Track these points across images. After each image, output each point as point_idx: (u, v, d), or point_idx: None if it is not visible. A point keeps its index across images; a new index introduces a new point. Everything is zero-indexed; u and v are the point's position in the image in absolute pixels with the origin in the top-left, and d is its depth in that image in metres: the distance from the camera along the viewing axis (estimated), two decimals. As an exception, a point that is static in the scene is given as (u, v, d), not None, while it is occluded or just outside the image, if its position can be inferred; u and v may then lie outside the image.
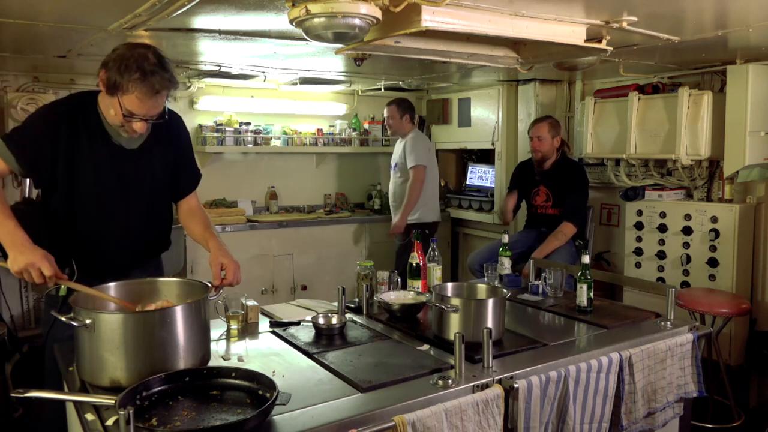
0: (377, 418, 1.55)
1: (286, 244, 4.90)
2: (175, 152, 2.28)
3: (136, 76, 1.90)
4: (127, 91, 1.92)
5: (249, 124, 5.10)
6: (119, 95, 1.94)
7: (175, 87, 2.03)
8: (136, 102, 1.94)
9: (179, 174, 2.31)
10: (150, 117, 2.01)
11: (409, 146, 4.68)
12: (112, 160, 2.12)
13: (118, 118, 1.99)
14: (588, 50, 2.81)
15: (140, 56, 1.93)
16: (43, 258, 1.84)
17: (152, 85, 1.92)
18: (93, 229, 2.15)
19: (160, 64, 1.95)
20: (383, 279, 2.65)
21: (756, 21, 2.65)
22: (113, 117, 2.01)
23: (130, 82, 1.91)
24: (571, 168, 4.06)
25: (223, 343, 2.15)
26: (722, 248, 3.68)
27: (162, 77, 1.94)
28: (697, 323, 2.48)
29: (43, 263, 1.83)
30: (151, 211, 2.26)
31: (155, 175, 2.23)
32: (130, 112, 1.96)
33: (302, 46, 3.19)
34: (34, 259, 1.83)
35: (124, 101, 1.94)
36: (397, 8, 2.04)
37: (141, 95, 1.93)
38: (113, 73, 1.92)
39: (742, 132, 3.60)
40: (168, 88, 1.99)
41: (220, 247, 2.15)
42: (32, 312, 4.48)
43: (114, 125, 2.05)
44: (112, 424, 1.48)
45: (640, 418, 2.11)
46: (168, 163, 2.26)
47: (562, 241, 3.81)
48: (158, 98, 1.98)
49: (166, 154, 2.24)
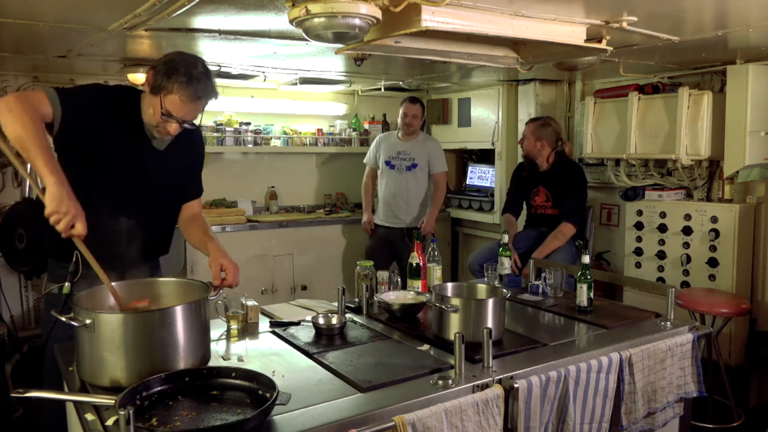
0: (377, 418, 1.55)
1: (286, 244, 4.90)
2: (190, 160, 2.38)
3: (183, 79, 2.01)
4: (171, 92, 2.02)
5: (249, 124, 5.10)
6: (162, 95, 2.03)
7: (215, 97, 2.14)
8: (177, 103, 2.03)
9: (188, 180, 2.39)
10: (186, 121, 2.10)
11: (438, 150, 4.75)
12: (142, 157, 2.19)
13: (155, 118, 2.07)
14: (588, 50, 2.81)
15: (189, 63, 2.05)
16: (81, 211, 1.77)
17: (196, 90, 2.03)
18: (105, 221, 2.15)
19: (206, 74, 2.07)
20: (383, 279, 2.65)
21: (756, 21, 2.65)
22: (151, 116, 2.09)
23: (175, 84, 2.01)
24: (569, 168, 4.06)
25: (223, 343, 2.15)
26: (722, 248, 3.67)
27: (206, 86, 2.06)
28: (697, 323, 2.48)
29: (80, 216, 1.76)
30: (160, 213, 2.33)
31: (173, 178, 2.31)
32: (169, 113, 2.04)
33: (302, 46, 3.19)
34: (72, 207, 1.74)
35: (165, 101, 2.03)
36: (397, 8, 2.04)
37: (183, 98, 2.02)
38: (161, 74, 2.03)
39: (742, 132, 3.59)
40: (209, 96, 2.10)
41: (219, 249, 2.17)
42: (32, 312, 4.48)
43: (149, 124, 2.13)
44: (112, 424, 1.48)
45: (640, 418, 2.11)
46: (182, 169, 2.34)
47: (561, 241, 3.81)
48: (198, 104, 2.08)
49: (183, 160, 2.33)
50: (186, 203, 2.41)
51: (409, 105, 4.66)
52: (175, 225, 2.43)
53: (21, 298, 4.44)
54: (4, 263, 3.92)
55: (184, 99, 2.02)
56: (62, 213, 1.73)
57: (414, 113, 4.65)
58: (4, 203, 4.16)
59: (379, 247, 4.68)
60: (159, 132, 2.12)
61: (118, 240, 2.17)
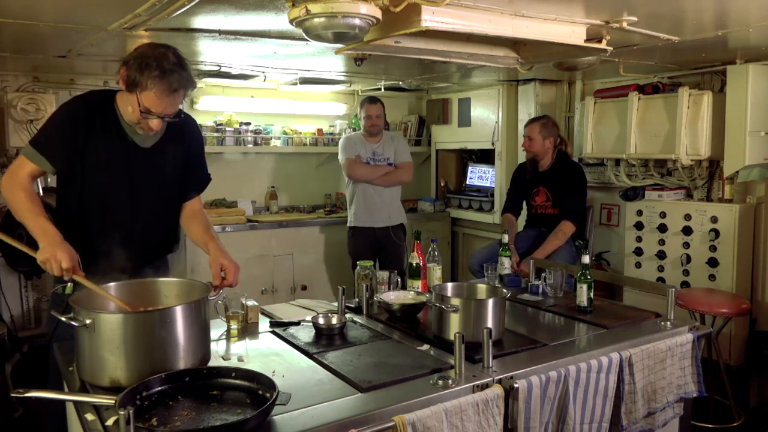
0: (377, 418, 1.55)
1: (286, 244, 4.89)
2: (186, 153, 2.32)
3: (156, 73, 1.96)
4: (146, 88, 1.98)
5: (249, 124, 5.10)
6: (138, 92, 1.99)
7: (193, 87, 2.08)
8: (154, 99, 1.99)
9: (187, 175, 2.35)
10: (166, 115, 2.06)
11: (404, 143, 4.78)
12: (127, 157, 2.17)
13: (135, 115, 2.04)
14: (588, 50, 2.81)
15: (160, 55, 1.99)
16: (65, 252, 1.91)
17: (170, 83, 1.98)
18: (102, 225, 2.16)
19: (179, 64, 2.02)
20: (383, 279, 2.65)
21: (756, 21, 2.65)
22: (130, 114, 2.06)
23: (149, 80, 1.97)
24: (569, 168, 4.06)
25: (223, 343, 2.15)
26: (722, 248, 3.67)
27: (180, 76, 2.00)
28: (697, 323, 2.48)
29: (63, 256, 1.89)
30: (159, 211, 2.30)
31: (166, 174, 2.27)
32: (148, 109, 2.01)
33: (302, 46, 3.19)
34: (57, 252, 1.90)
35: (142, 98, 2.00)
36: (397, 8, 2.04)
37: (159, 93, 1.98)
38: (133, 70, 1.98)
39: (742, 132, 3.59)
40: (185, 87, 2.04)
41: (219, 249, 2.17)
42: (32, 312, 4.48)
43: (130, 122, 2.10)
44: (112, 424, 1.48)
45: (640, 418, 2.11)
46: (178, 164, 2.30)
47: (561, 240, 3.81)
48: (175, 97, 2.03)
49: (178, 154, 2.29)
50: (187, 200, 2.38)
51: (371, 106, 4.57)
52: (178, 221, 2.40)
53: (21, 298, 4.44)
54: (4, 263, 3.92)
55: (159, 94, 1.98)
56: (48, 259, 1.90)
57: (377, 113, 4.59)
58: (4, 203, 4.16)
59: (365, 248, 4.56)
60: (142, 129, 2.09)
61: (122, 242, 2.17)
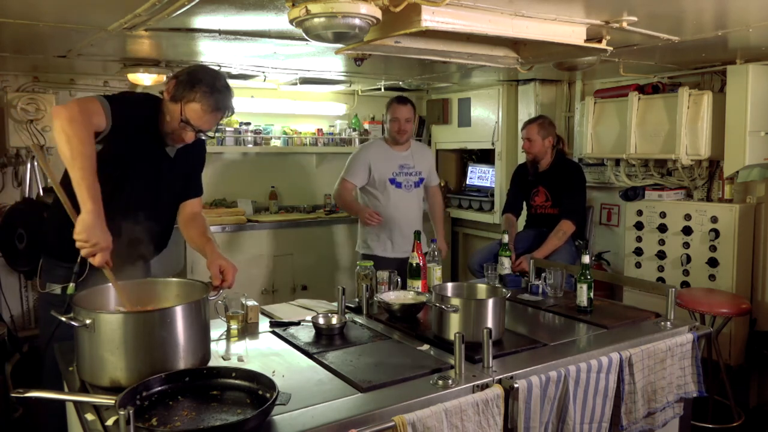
0: (377, 418, 1.55)
1: (286, 244, 4.89)
2: (194, 164, 2.43)
3: (206, 89, 2.05)
4: (193, 100, 2.05)
5: (249, 124, 5.10)
6: (183, 103, 2.06)
7: (232, 112, 2.19)
8: (198, 112, 2.07)
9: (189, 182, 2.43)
10: (203, 131, 2.14)
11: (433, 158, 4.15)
12: (158, 163, 2.25)
13: (173, 124, 2.10)
14: (588, 50, 2.81)
15: (213, 75, 2.11)
16: (107, 243, 1.82)
17: (217, 101, 2.07)
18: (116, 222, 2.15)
19: (227, 87, 2.12)
20: (383, 279, 2.65)
21: (756, 21, 2.65)
22: (168, 123, 2.12)
23: (198, 93, 2.05)
24: (568, 168, 4.06)
25: (223, 343, 2.15)
26: (722, 248, 3.67)
27: (227, 98, 2.11)
28: (697, 323, 2.48)
29: (105, 249, 1.81)
30: (163, 213, 2.37)
31: (178, 185, 2.36)
32: (188, 121, 2.07)
33: (302, 46, 3.19)
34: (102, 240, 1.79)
35: (186, 109, 2.06)
36: (397, 8, 2.04)
37: (205, 107, 2.06)
38: (184, 82, 2.06)
39: (742, 132, 3.59)
40: (227, 109, 2.14)
41: (217, 251, 2.20)
42: (32, 312, 4.48)
43: (164, 131, 2.16)
44: (112, 424, 1.48)
45: (640, 418, 2.11)
46: (186, 174, 2.39)
47: (561, 239, 3.81)
48: (216, 115, 2.12)
49: (186, 165, 2.37)
50: (186, 201, 2.42)
51: (400, 107, 3.79)
52: (174, 223, 2.45)
53: (21, 298, 4.44)
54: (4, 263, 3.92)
55: (205, 108, 2.06)
56: (90, 244, 1.78)
57: (407, 116, 3.80)
58: (4, 203, 4.16)
59: None
60: (173, 139, 2.16)
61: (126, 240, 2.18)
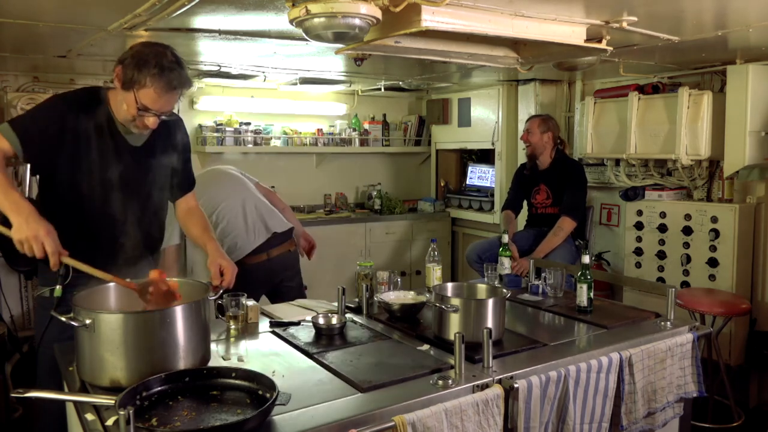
0: (377, 418, 1.55)
1: (286, 244, 4.88)
2: (174, 152, 2.32)
3: (155, 71, 1.96)
4: (145, 85, 1.97)
5: (249, 124, 5.09)
6: (135, 89, 1.98)
7: (189, 86, 2.09)
8: (152, 96, 1.99)
9: (176, 174, 2.35)
10: (163, 112, 2.06)
11: None
12: (118, 155, 2.15)
13: (131, 113, 2.03)
14: (588, 50, 2.81)
15: (158, 53, 2.00)
16: (47, 233, 1.82)
17: (170, 80, 1.99)
18: (90, 223, 2.15)
19: (177, 62, 2.02)
20: (383, 279, 2.65)
21: (756, 21, 2.65)
22: (125, 112, 2.05)
23: (148, 77, 1.96)
24: (568, 165, 4.08)
25: (223, 343, 2.15)
26: (722, 248, 3.67)
27: (179, 74, 2.02)
28: (697, 323, 2.48)
29: (47, 238, 1.81)
30: (147, 209, 2.29)
31: (155, 173, 2.26)
32: (145, 107, 2.01)
33: (302, 46, 3.19)
34: (39, 232, 1.80)
35: (140, 96, 1.99)
36: (397, 8, 2.04)
37: (158, 90, 1.98)
38: (131, 68, 1.98)
39: (742, 132, 3.60)
40: (183, 85, 2.05)
41: (218, 250, 2.19)
42: (32, 312, 4.47)
43: (125, 121, 2.09)
44: (112, 424, 1.48)
45: (640, 418, 2.11)
46: (167, 163, 2.30)
47: (561, 237, 3.81)
48: (173, 95, 2.04)
49: (166, 152, 2.28)
50: (180, 198, 2.40)
51: None
52: (165, 220, 2.41)
53: (21, 298, 4.43)
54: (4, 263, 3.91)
55: (159, 91, 1.98)
56: (28, 239, 1.79)
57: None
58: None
59: None
60: (137, 126, 2.08)
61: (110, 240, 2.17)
